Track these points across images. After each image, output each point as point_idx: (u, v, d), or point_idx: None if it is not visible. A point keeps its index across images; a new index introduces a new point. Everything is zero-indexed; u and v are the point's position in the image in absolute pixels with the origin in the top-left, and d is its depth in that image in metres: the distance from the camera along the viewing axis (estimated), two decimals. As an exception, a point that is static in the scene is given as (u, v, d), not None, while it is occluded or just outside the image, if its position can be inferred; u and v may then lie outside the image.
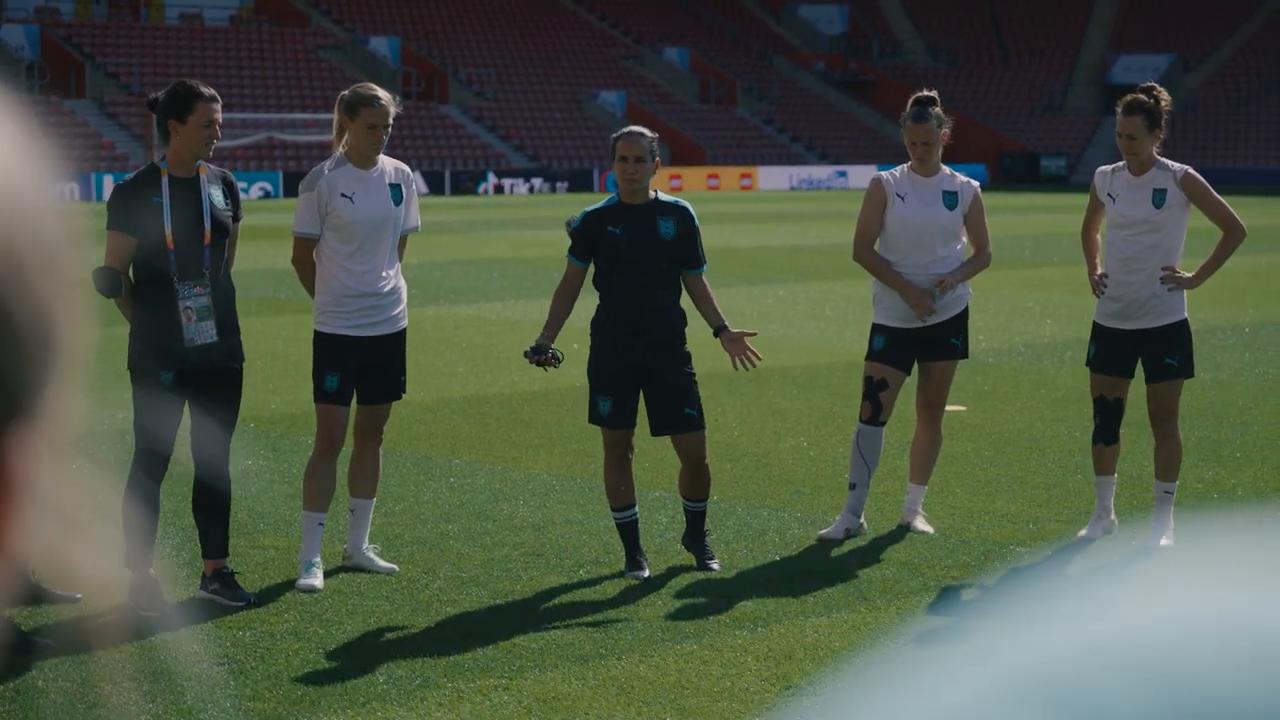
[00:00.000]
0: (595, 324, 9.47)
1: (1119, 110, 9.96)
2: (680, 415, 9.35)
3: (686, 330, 9.46)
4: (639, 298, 9.31)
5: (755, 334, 9.74)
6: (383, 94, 9.10)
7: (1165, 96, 9.95)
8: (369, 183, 9.11)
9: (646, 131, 9.49)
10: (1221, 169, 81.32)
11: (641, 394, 9.43)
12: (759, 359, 9.53)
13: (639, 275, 9.30)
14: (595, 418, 9.44)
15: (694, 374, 9.44)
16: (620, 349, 9.34)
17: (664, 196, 9.51)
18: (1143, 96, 9.89)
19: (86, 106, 72.59)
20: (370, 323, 9.18)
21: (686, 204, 9.56)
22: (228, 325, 8.72)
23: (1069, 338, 20.05)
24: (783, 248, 36.30)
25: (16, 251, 0.78)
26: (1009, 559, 9.67)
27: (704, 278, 9.54)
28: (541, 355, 9.25)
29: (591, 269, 9.48)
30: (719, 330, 9.49)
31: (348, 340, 9.15)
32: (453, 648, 7.88)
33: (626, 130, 9.45)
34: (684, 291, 9.50)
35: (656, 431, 9.49)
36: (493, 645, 7.93)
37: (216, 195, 8.75)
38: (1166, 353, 10.00)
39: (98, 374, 16.59)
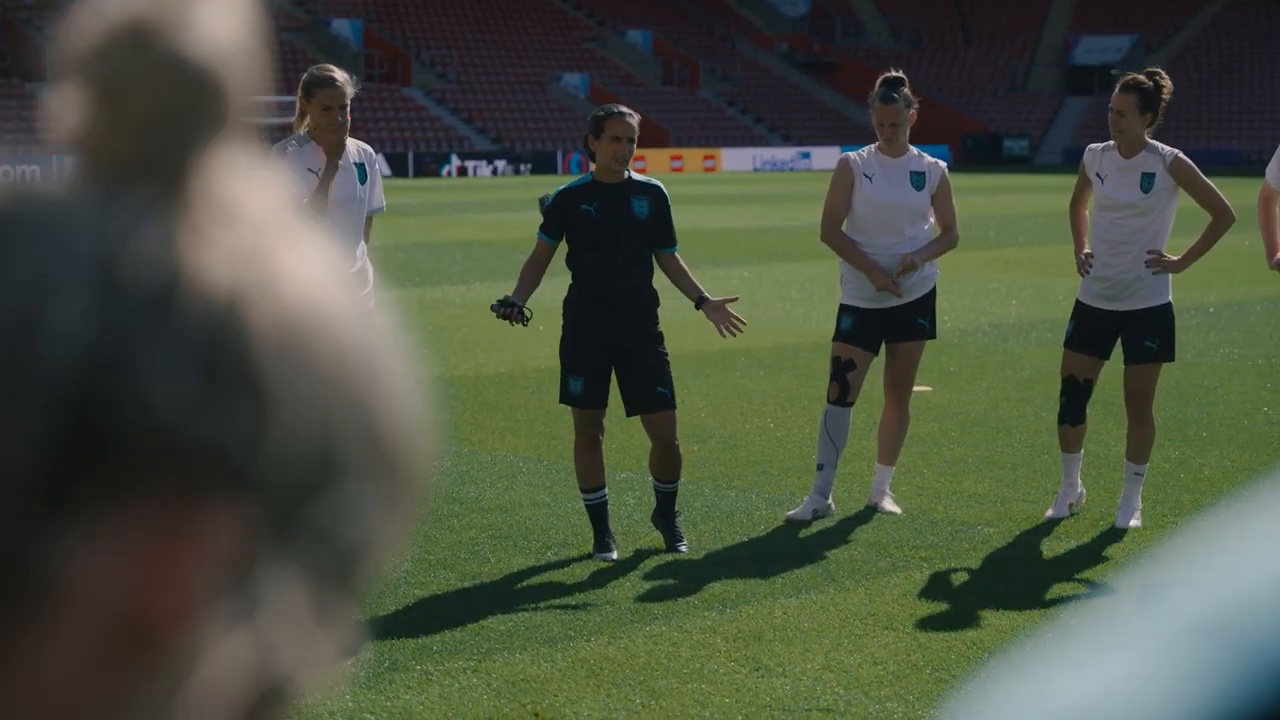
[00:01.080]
0: (567, 303, 9.45)
1: (1117, 86, 9.95)
2: (652, 394, 9.34)
3: (659, 310, 9.46)
4: (613, 276, 9.29)
5: (736, 299, 9.74)
6: (339, 75, 9.05)
7: (1167, 84, 9.93)
8: (332, 161, 9.05)
9: (634, 114, 9.48)
10: (1183, 150, 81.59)
11: (613, 374, 9.41)
12: (744, 324, 9.53)
13: (613, 254, 9.28)
14: (566, 397, 9.42)
15: (666, 354, 9.43)
16: (593, 328, 9.31)
17: (637, 176, 9.50)
18: (1142, 77, 9.87)
19: (48, 89, 72.32)
20: (336, 305, 9.13)
21: (659, 183, 9.56)
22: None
23: (1034, 318, 20.09)
24: (747, 229, 36.30)
25: (304, 375, 0.78)
26: (977, 539, 9.67)
27: (677, 255, 9.55)
28: (508, 309, 9.23)
29: (565, 248, 9.46)
30: (700, 301, 9.49)
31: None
32: (421, 630, 7.85)
33: (617, 110, 9.37)
34: (655, 272, 9.47)
35: (631, 411, 9.47)
36: (461, 628, 7.91)
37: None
38: (1148, 336, 9.97)
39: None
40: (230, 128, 0.78)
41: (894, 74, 10.29)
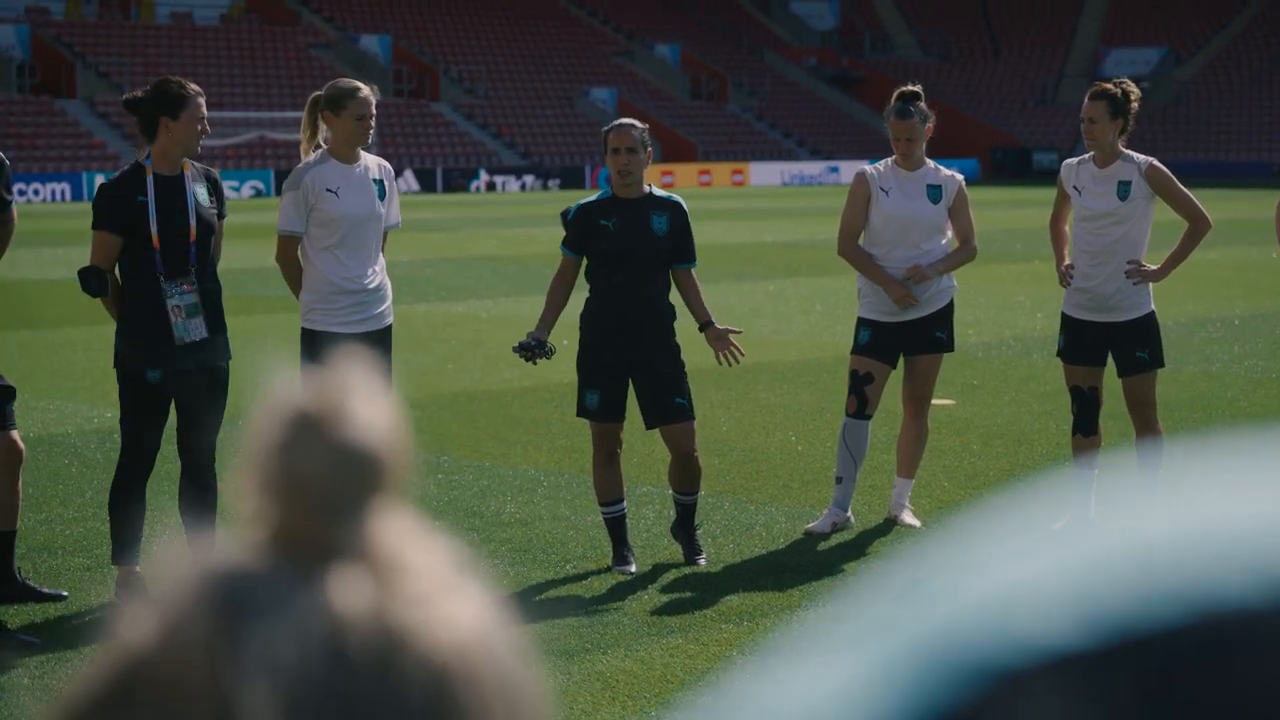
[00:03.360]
0: (584, 316, 9.48)
1: (1086, 97, 10.03)
2: (671, 405, 9.36)
3: (676, 324, 9.48)
4: (630, 291, 9.32)
5: (740, 332, 9.75)
6: (363, 85, 9.12)
7: (1134, 91, 9.98)
8: (353, 178, 9.10)
9: (636, 123, 9.51)
10: (1213, 162, 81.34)
11: (631, 388, 9.44)
12: (742, 355, 9.55)
13: (630, 269, 9.31)
14: (583, 410, 9.45)
15: (683, 365, 9.45)
16: (610, 342, 9.34)
17: (658, 191, 9.52)
18: (1109, 85, 9.95)
19: (77, 106, 72.55)
20: (356, 319, 9.18)
21: (679, 199, 9.58)
22: (214, 323, 8.70)
23: (1059, 331, 20.03)
24: (774, 243, 36.32)
25: (482, 703, 0.94)
26: (995, 552, 9.66)
27: (693, 273, 9.56)
28: (529, 352, 9.27)
29: (585, 261, 9.51)
30: (705, 326, 9.50)
31: (335, 337, 9.14)
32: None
33: (616, 123, 9.48)
34: (672, 286, 9.50)
35: (650, 424, 9.48)
36: (478, 641, 7.92)
37: (201, 193, 8.74)
38: (1137, 347, 10.03)
39: (88, 372, 16.59)
40: (391, 496, 0.95)
41: (910, 88, 10.31)
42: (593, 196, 9.57)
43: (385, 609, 0.92)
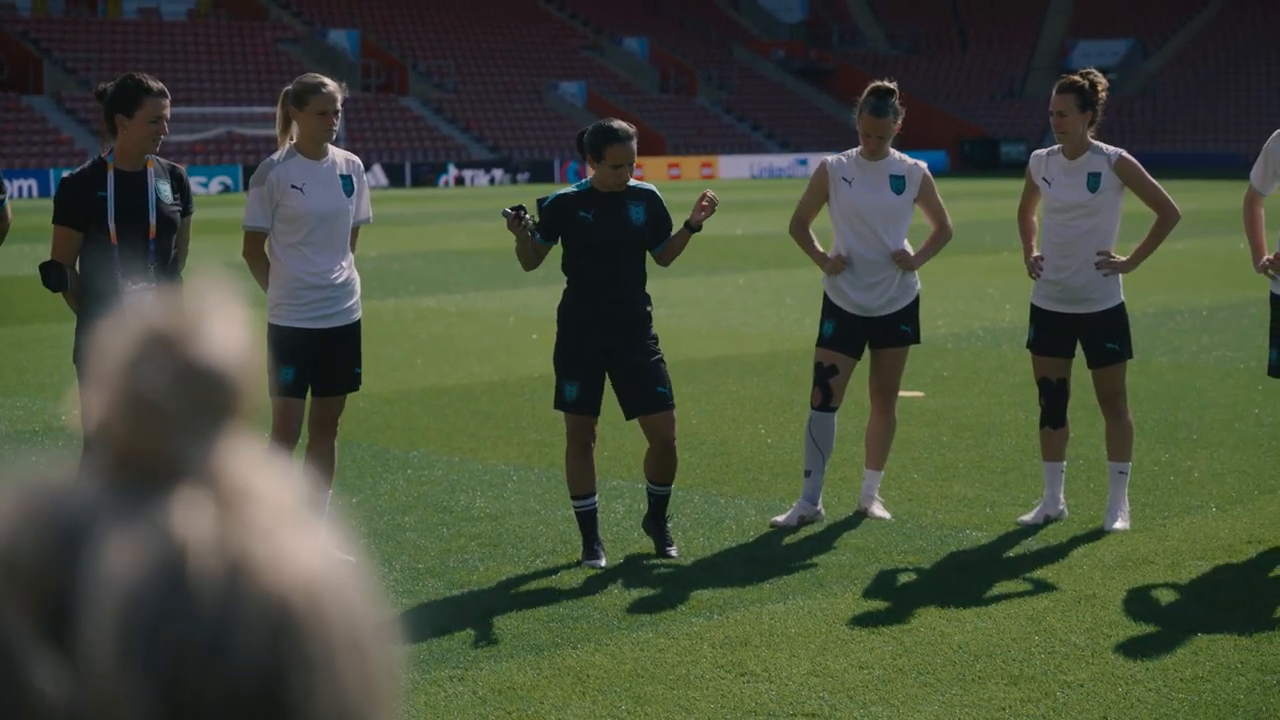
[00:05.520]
0: (563, 309, 9.46)
1: (1054, 89, 10.04)
2: (653, 394, 9.35)
3: (654, 315, 9.50)
4: (609, 282, 9.32)
5: (709, 193, 9.63)
6: (328, 81, 9.09)
7: (1102, 82, 10.00)
8: (320, 173, 9.08)
9: (634, 134, 9.49)
10: (1181, 153, 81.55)
11: (609, 381, 9.43)
12: (713, 194, 9.50)
13: (609, 261, 9.32)
14: (561, 403, 9.43)
15: (662, 356, 9.44)
16: (589, 333, 9.34)
17: (632, 183, 9.53)
18: (1077, 77, 9.96)
19: (44, 102, 72.26)
20: (324, 315, 9.15)
21: (653, 187, 9.61)
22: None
23: (1028, 322, 20.07)
24: (744, 236, 36.33)
25: (327, 640, 0.92)
26: (965, 543, 9.68)
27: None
28: (518, 209, 9.33)
29: (561, 255, 9.50)
30: (686, 224, 9.52)
31: (301, 333, 9.12)
32: (408, 639, 7.86)
33: (617, 135, 9.35)
34: (649, 277, 9.52)
35: (630, 414, 9.45)
36: (448, 636, 7.92)
37: (164, 189, 8.69)
38: (1107, 338, 10.06)
39: (56, 369, 16.52)
40: (240, 421, 0.93)
41: (885, 84, 10.24)
42: (571, 188, 9.58)
43: (228, 537, 0.89)
